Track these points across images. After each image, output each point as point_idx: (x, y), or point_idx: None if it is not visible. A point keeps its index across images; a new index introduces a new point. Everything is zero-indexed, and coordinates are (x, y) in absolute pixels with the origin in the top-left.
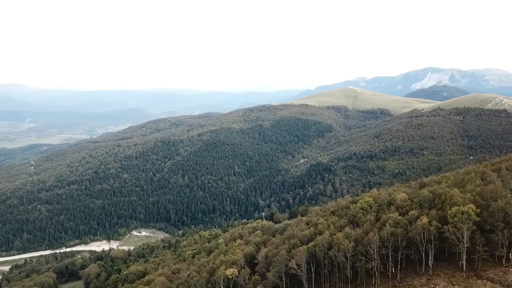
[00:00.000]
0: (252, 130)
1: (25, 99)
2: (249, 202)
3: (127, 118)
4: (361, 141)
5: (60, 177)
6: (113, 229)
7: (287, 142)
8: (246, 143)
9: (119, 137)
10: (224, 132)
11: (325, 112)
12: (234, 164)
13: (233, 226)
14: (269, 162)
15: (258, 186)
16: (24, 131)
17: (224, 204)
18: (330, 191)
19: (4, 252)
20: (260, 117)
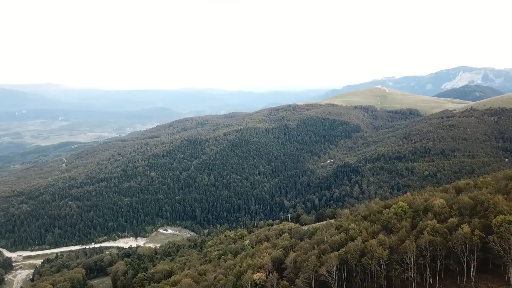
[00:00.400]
0: (277, 130)
1: (58, 98)
2: (274, 202)
3: (155, 117)
4: (389, 142)
5: (90, 174)
6: (140, 226)
7: (313, 142)
8: (271, 143)
9: (147, 136)
10: (249, 131)
11: (352, 112)
12: (259, 164)
13: (258, 227)
14: (295, 162)
15: (283, 187)
16: (57, 129)
17: (249, 203)
18: (357, 193)
19: (37, 246)
20: (285, 116)
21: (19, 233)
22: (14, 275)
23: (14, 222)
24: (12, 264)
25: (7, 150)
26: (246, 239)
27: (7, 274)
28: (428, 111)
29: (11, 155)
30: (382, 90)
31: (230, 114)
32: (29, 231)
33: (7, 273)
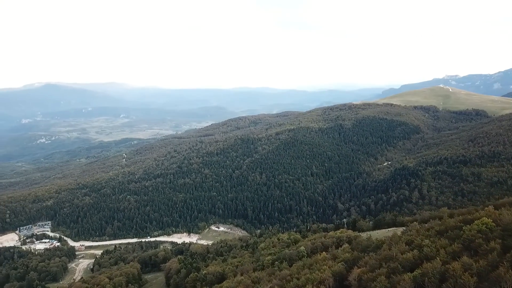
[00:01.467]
0: (331, 129)
1: (121, 96)
2: (327, 204)
3: (210, 115)
4: (452, 145)
5: (147, 170)
6: (193, 223)
7: (369, 143)
8: (325, 143)
9: (202, 134)
10: (302, 131)
11: (411, 112)
12: (312, 165)
13: (312, 231)
14: (349, 164)
15: (337, 189)
16: (118, 125)
17: (301, 205)
18: (416, 198)
19: (98, 237)
20: (340, 116)
21: (82, 224)
22: (76, 264)
23: (78, 213)
24: (75, 253)
25: (74, 145)
26: (301, 244)
27: (71, 262)
28: (497, 112)
29: (77, 149)
30: (445, 90)
31: (282, 113)
32: (91, 223)
33: (71, 261)
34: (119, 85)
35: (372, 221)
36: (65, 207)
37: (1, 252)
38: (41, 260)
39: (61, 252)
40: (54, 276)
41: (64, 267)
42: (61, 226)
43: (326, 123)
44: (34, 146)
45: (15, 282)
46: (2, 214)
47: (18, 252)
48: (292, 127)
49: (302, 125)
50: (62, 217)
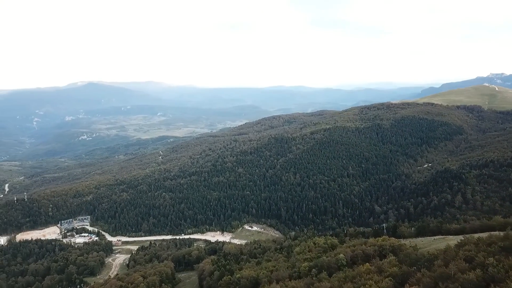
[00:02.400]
0: (369, 129)
1: (158, 95)
2: (364, 207)
3: (244, 114)
4: (499, 147)
5: (183, 168)
6: (227, 221)
7: (409, 144)
8: (362, 144)
9: (236, 133)
10: (338, 131)
11: (454, 112)
12: (348, 165)
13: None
14: (387, 165)
15: (374, 191)
16: (156, 123)
17: (336, 206)
18: (459, 202)
19: (134, 233)
20: (378, 116)
21: (119, 219)
22: (113, 259)
23: (116, 209)
24: (112, 248)
25: (113, 142)
26: (339, 251)
27: (108, 257)
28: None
29: (116, 146)
30: (491, 88)
31: (317, 112)
32: (127, 218)
33: (108, 256)
34: (156, 84)
35: (415, 227)
36: (103, 202)
37: (43, 244)
38: (80, 254)
39: (99, 246)
40: (92, 271)
41: (101, 262)
42: (99, 220)
43: (363, 122)
44: (76, 142)
45: (55, 274)
46: (45, 208)
47: (59, 245)
48: (328, 126)
49: (338, 124)
50: (101, 212)
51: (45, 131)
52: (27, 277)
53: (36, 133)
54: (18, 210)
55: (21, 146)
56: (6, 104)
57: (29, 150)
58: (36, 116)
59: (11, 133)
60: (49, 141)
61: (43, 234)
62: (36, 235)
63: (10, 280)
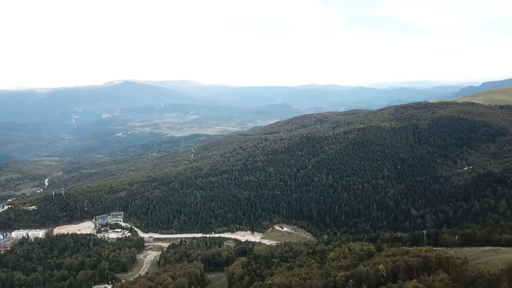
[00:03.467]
0: (405, 130)
1: (190, 94)
2: (399, 210)
3: (275, 113)
4: None
5: (214, 166)
6: (257, 221)
7: (448, 145)
8: (397, 144)
9: (267, 132)
10: (372, 130)
11: (497, 113)
12: (383, 167)
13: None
14: (425, 167)
15: (410, 194)
16: (188, 122)
17: (370, 209)
18: (503, 208)
19: (165, 230)
20: (415, 115)
21: (151, 216)
22: (144, 255)
23: (148, 206)
24: (144, 244)
25: (147, 139)
26: (378, 261)
27: (139, 253)
28: None
29: (150, 143)
30: None
31: (351, 111)
32: (159, 215)
33: (139, 252)
34: (189, 82)
35: (458, 235)
36: (136, 199)
37: (78, 238)
38: (113, 249)
39: (131, 243)
40: (124, 267)
41: (133, 258)
42: (132, 217)
43: (399, 122)
44: (112, 139)
45: (88, 269)
46: (81, 203)
47: (93, 240)
48: (362, 126)
49: (373, 124)
50: (134, 209)
51: (83, 128)
52: (62, 270)
53: (74, 130)
54: (55, 205)
55: (60, 142)
56: (48, 102)
57: (68, 146)
58: (75, 113)
59: (52, 129)
60: (87, 137)
61: (78, 228)
62: (72, 229)
63: (46, 273)
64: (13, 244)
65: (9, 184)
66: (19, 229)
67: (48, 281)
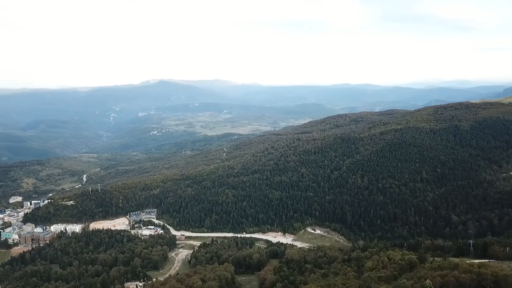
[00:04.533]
0: (445, 131)
1: (223, 93)
2: (438, 215)
3: (307, 112)
4: None
5: (245, 165)
6: (289, 223)
7: (492, 148)
8: (437, 146)
9: (299, 131)
10: (410, 131)
11: None
12: (421, 169)
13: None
14: (467, 170)
15: (450, 198)
16: (221, 121)
17: (407, 213)
18: None
19: (196, 228)
20: (456, 116)
21: (183, 214)
22: (176, 253)
23: (180, 204)
24: (175, 242)
25: (181, 138)
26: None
27: (171, 251)
28: None
29: (183, 142)
30: None
31: (387, 112)
32: (191, 213)
33: (171, 250)
34: (223, 82)
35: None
36: (169, 196)
37: (113, 234)
38: (145, 246)
39: (163, 240)
40: (155, 265)
41: (164, 256)
42: (165, 214)
43: (439, 123)
44: (147, 137)
45: (121, 266)
46: (116, 199)
47: (127, 236)
48: (399, 126)
49: (410, 125)
50: (166, 206)
51: (120, 126)
52: (96, 266)
53: (112, 127)
54: (92, 200)
55: (99, 139)
56: (88, 100)
57: (105, 143)
58: (113, 111)
59: (90, 127)
60: (123, 135)
61: (113, 224)
62: (107, 225)
63: (81, 268)
64: (51, 238)
65: (50, 179)
66: (57, 223)
67: (82, 276)
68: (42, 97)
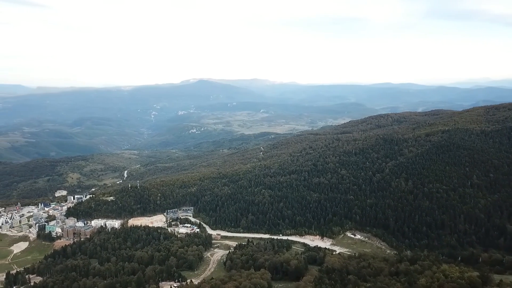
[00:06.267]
0: (498, 133)
1: (261, 92)
2: (491, 224)
3: (347, 112)
4: None
5: (282, 165)
6: (327, 226)
7: None
8: (490, 149)
9: (338, 131)
10: (459, 133)
11: None
12: (472, 174)
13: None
14: None
15: (505, 206)
16: (258, 120)
17: (456, 221)
18: None
19: (232, 228)
20: (510, 117)
21: (220, 213)
22: (211, 254)
23: (217, 202)
24: (211, 242)
25: (219, 136)
26: None
27: (206, 251)
28: None
29: (221, 140)
30: None
31: (432, 112)
32: (227, 213)
33: (206, 250)
34: (260, 81)
35: None
36: (206, 194)
37: (150, 231)
38: (181, 245)
39: (199, 239)
40: (190, 265)
41: (199, 257)
42: (201, 212)
43: (491, 125)
44: (186, 135)
45: (157, 265)
46: (154, 196)
47: (164, 233)
48: (446, 128)
49: (459, 126)
50: (203, 204)
51: (160, 124)
52: (132, 263)
53: (153, 125)
54: (131, 197)
55: (140, 136)
56: (130, 98)
57: (146, 141)
58: (154, 110)
59: (132, 124)
60: (163, 133)
61: (151, 221)
62: (145, 221)
63: (118, 265)
64: (92, 233)
65: (93, 174)
66: (98, 218)
67: (119, 273)
68: (88, 95)
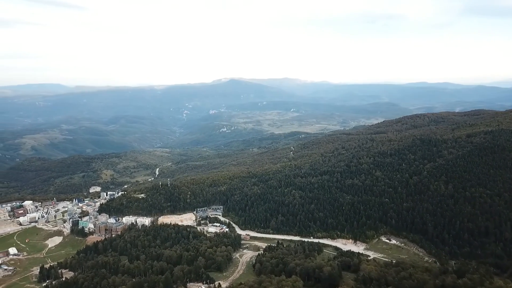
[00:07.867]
0: None
1: (292, 91)
2: None
3: (380, 112)
4: None
5: (313, 165)
6: (361, 229)
7: None
8: None
9: (372, 131)
10: (504, 134)
11: None
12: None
13: None
14: None
15: None
16: (288, 119)
17: (502, 228)
18: None
19: (262, 229)
20: None
21: (249, 213)
22: (240, 255)
23: (246, 202)
24: (240, 242)
25: (249, 135)
26: None
27: (235, 252)
28: None
29: (251, 139)
30: None
31: (472, 112)
32: (257, 213)
33: (235, 250)
34: (291, 80)
35: None
36: (235, 194)
37: (180, 230)
38: (210, 245)
39: (228, 240)
40: (219, 266)
41: (228, 258)
42: (230, 212)
43: None
44: (217, 134)
45: (185, 265)
46: (184, 195)
47: (193, 232)
48: (489, 128)
49: (503, 127)
50: (232, 204)
51: (192, 123)
52: (161, 262)
53: (184, 124)
54: (161, 195)
55: (172, 135)
56: (163, 97)
57: (178, 139)
58: (186, 108)
59: (165, 123)
60: (195, 131)
61: (180, 219)
62: (175, 219)
63: (147, 263)
64: (123, 229)
65: (126, 171)
66: (129, 215)
67: (148, 272)
68: (123, 94)
